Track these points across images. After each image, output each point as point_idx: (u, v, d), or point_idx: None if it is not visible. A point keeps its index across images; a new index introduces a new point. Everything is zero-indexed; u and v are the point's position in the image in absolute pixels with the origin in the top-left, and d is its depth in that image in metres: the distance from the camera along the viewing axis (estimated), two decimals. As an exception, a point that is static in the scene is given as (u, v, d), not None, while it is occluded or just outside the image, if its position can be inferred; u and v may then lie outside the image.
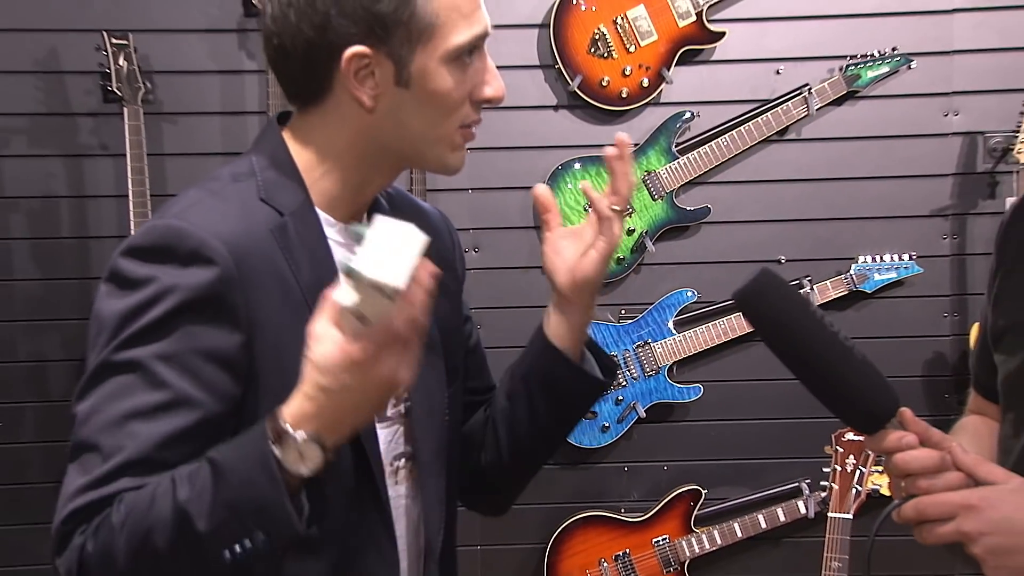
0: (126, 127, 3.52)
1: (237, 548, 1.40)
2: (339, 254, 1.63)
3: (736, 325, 3.84)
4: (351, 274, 1.30)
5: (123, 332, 1.46)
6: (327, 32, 1.51)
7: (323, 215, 1.62)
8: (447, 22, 1.52)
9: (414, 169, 3.68)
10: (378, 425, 1.65)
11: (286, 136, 1.66)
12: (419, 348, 1.42)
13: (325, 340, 1.37)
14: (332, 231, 1.63)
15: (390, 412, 1.69)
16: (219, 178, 1.61)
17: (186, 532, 1.39)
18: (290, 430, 1.38)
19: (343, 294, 1.34)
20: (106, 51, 3.56)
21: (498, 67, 3.82)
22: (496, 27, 3.70)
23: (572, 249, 1.67)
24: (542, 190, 1.71)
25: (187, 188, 1.60)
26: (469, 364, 1.88)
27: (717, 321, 3.88)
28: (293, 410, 1.40)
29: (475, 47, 1.57)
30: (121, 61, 3.55)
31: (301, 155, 1.64)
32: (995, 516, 1.53)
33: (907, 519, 1.56)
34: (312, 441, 1.39)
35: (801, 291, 3.86)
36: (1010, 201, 3.74)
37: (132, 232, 3.48)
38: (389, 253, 1.33)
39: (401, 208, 1.79)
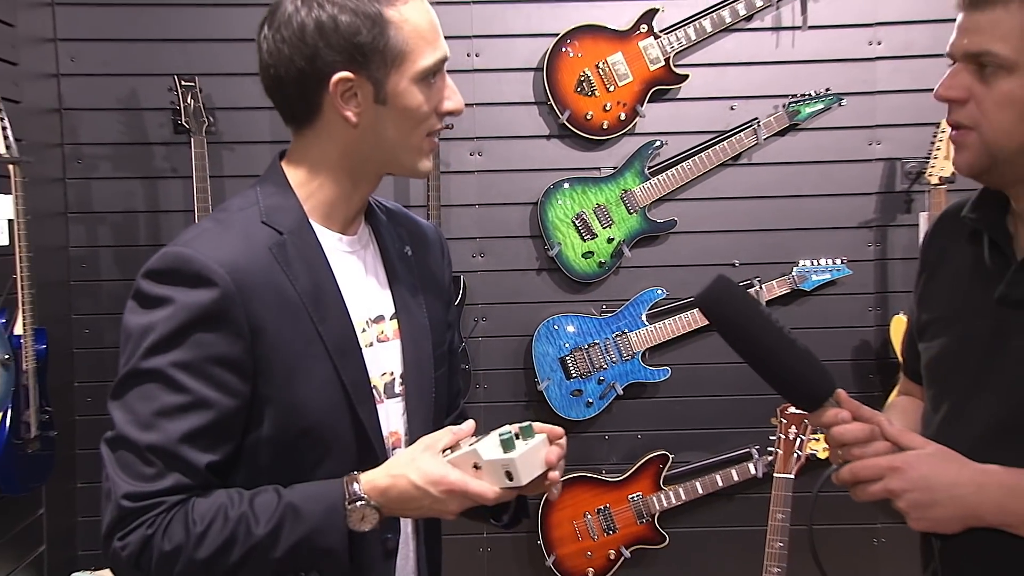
0: (192, 154, 3.60)
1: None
2: (340, 261, 1.65)
3: (698, 318, 3.88)
4: (509, 454, 1.49)
5: (144, 342, 1.48)
6: (316, 61, 1.53)
7: (320, 228, 1.63)
8: (415, 48, 1.55)
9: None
10: (382, 402, 1.68)
11: (285, 163, 1.67)
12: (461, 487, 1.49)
13: (436, 462, 1.50)
14: (332, 240, 1.65)
15: (397, 389, 1.72)
16: (228, 209, 1.63)
17: (259, 557, 1.48)
18: (366, 498, 1.49)
19: (488, 452, 1.50)
20: (177, 91, 3.64)
21: (500, 104, 3.92)
22: (500, 70, 3.94)
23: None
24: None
25: (204, 217, 1.64)
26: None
27: (682, 314, 3.92)
28: (372, 482, 1.51)
29: (438, 69, 1.59)
30: (189, 100, 3.63)
31: (296, 175, 1.64)
32: (915, 476, 1.56)
33: (843, 481, 1.60)
34: (375, 509, 1.50)
35: (751, 290, 3.89)
36: (923, 215, 3.84)
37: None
38: (531, 463, 1.51)
39: (398, 220, 1.82)
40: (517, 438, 1.54)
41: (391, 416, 1.68)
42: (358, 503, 1.49)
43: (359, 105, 1.56)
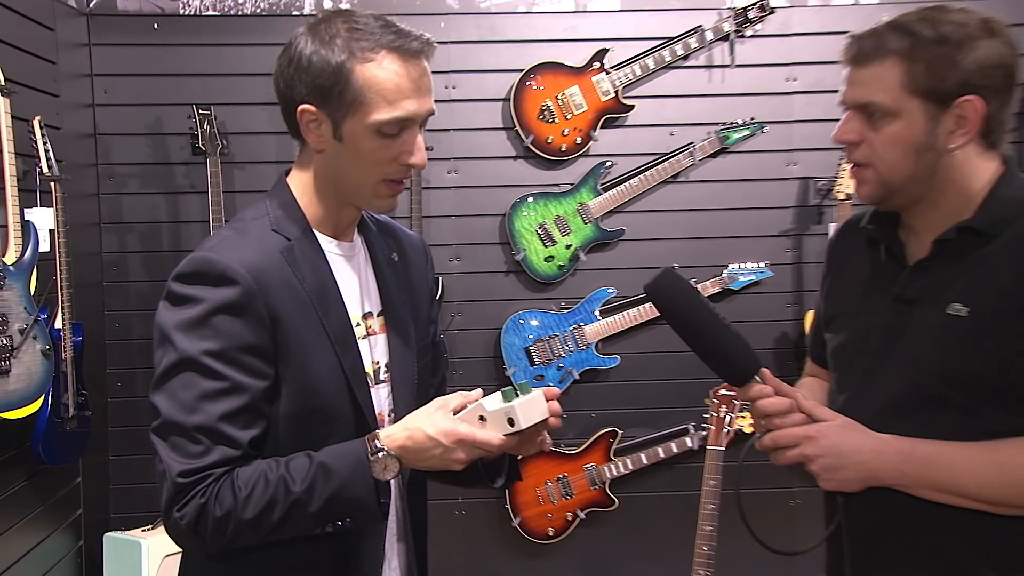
0: (208, 173, 3.62)
1: (329, 528, 1.52)
2: (337, 264, 1.65)
3: (644, 313, 3.90)
4: (510, 402, 1.51)
5: (179, 337, 1.48)
6: (292, 90, 1.54)
7: (320, 235, 1.63)
8: (371, 102, 1.51)
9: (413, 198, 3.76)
10: (373, 386, 1.66)
11: (289, 179, 1.66)
12: (472, 453, 1.51)
13: (448, 417, 1.51)
14: (331, 245, 1.65)
15: (383, 376, 1.70)
16: (243, 219, 1.63)
17: (298, 513, 1.48)
18: (385, 449, 1.50)
19: (492, 404, 1.52)
20: (195, 119, 3.65)
21: (473, 129, 3.96)
22: (473, 100, 3.99)
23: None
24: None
25: (222, 226, 1.66)
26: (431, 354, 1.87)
27: (630, 310, 3.94)
28: (391, 436, 1.52)
29: (404, 125, 1.54)
30: (205, 126, 3.65)
31: (298, 189, 1.64)
32: (826, 443, 1.58)
33: (765, 447, 1.63)
34: (396, 459, 1.50)
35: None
36: (832, 225, 3.88)
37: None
38: (530, 410, 1.53)
39: (386, 231, 1.81)
40: (516, 394, 1.55)
41: (379, 399, 1.68)
42: (380, 454, 1.50)
43: (321, 136, 1.56)
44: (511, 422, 1.52)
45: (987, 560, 1.57)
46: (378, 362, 1.70)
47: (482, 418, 1.53)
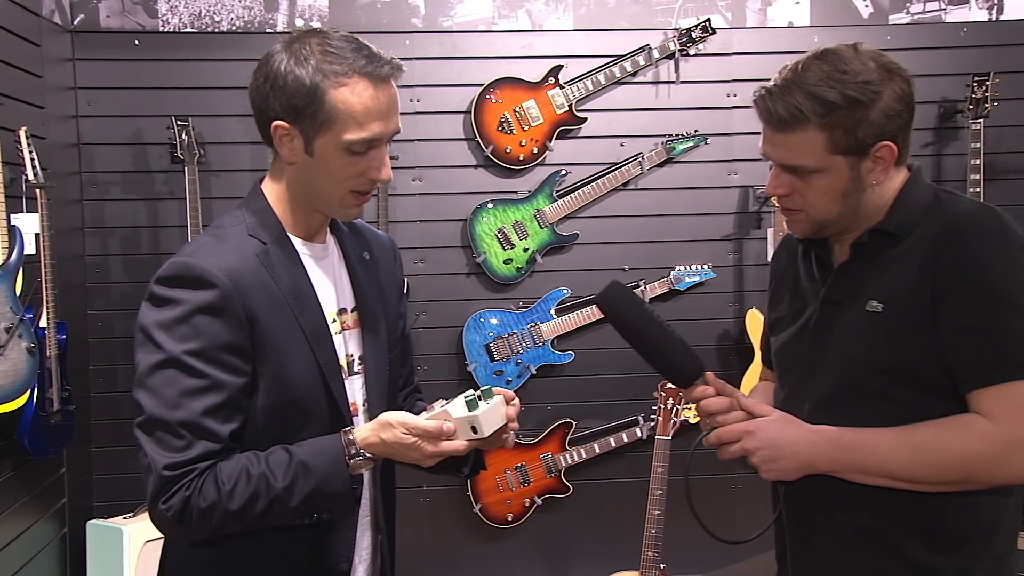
0: (186, 181, 3.64)
1: (307, 520, 1.57)
2: (311, 265, 1.66)
3: (596, 312, 3.91)
4: (473, 412, 1.53)
5: (161, 337, 1.48)
6: (266, 105, 1.56)
7: (295, 238, 1.65)
8: (342, 123, 1.52)
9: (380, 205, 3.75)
10: (348, 378, 1.68)
11: (264, 185, 1.66)
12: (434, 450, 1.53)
13: (417, 419, 1.54)
14: (304, 247, 1.66)
15: (356, 368, 1.71)
16: (221, 225, 1.63)
17: (279, 507, 1.50)
18: (362, 452, 1.53)
19: (457, 411, 1.54)
20: (174, 129, 3.67)
21: (437, 139, 3.98)
22: (436, 113, 4.04)
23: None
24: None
25: (202, 232, 1.64)
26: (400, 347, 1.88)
27: (583, 309, 3.98)
28: (365, 438, 1.54)
29: (371, 144, 1.56)
30: (184, 136, 3.66)
31: (272, 195, 1.65)
32: (765, 437, 1.62)
33: (711, 443, 1.67)
34: (368, 458, 1.54)
35: (638, 289, 3.93)
36: (770, 230, 3.97)
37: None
38: (492, 418, 1.56)
39: (357, 231, 1.82)
40: (480, 399, 1.56)
41: (353, 389, 1.70)
42: (357, 458, 1.53)
43: (293, 150, 1.57)
44: (474, 430, 1.55)
45: (911, 535, 1.63)
46: (352, 355, 1.71)
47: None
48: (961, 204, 1.65)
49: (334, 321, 1.68)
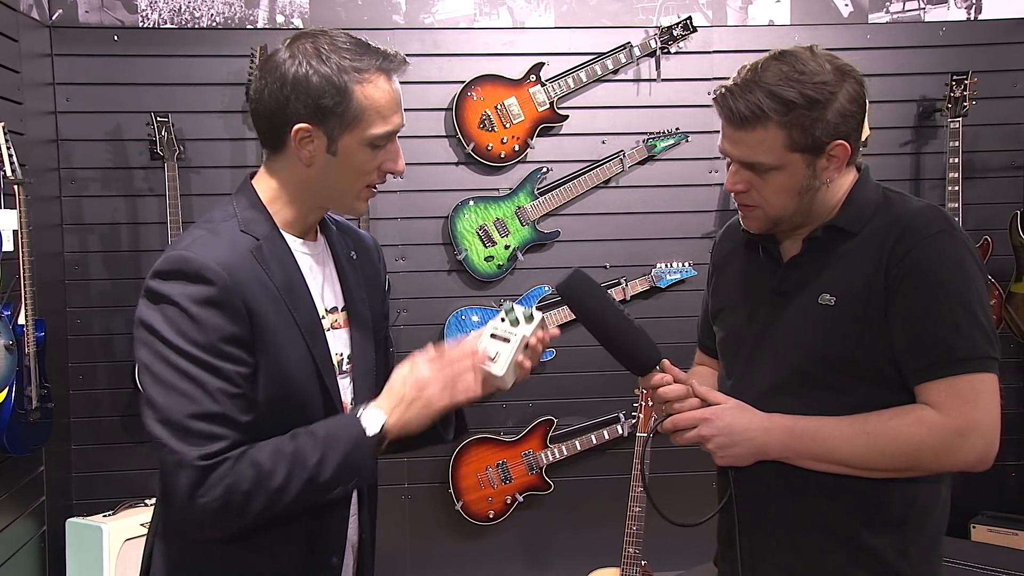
0: (166, 177, 3.65)
1: (337, 491, 1.57)
2: (304, 262, 1.67)
3: None
4: (513, 323, 1.62)
5: (168, 332, 1.49)
6: (286, 109, 1.56)
7: (287, 235, 1.66)
8: (369, 119, 1.56)
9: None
10: (339, 377, 1.69)
11: (256, 179, 1.68)
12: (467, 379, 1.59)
13: (420, 367, 1.59)
14: (297, 244, 1.67)
15: (345, 367, 1.72)
16: (213, 220, 1.63)
17: (314, 480, 1.52)
18: (380, 418, 1.57)
19: (499, 326, 1.63)
20: (153, 126, 3.69)
21: (418, 137, 3.96)
22: (417, 110, 4.01)
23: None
24: None
25: (192, 225, 1.64)
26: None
27: (564, 307, 3.47)
28: (392, 424, 1.57)
29: (387, 138, 1.60)
30: (163, 132, 3.67)
31: (265, 192, 1.65)
32: (720, 424, 1.68)
33: (666, 430, 1.71)
34: (389, 441, 1.59)
35: (618, 287, 3.96)
36: None
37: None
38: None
39: (345, 231, 1.84)
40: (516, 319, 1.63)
41: (342, 390, 1.70)
42: (382, 438, 1.57)
43: (313, 152, 1.59)
44: (533, 320, 1.63)
45: (854, 517, 1.70)
46: (341, 354, 1.72)
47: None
48: (909, 203, 1.72)
49: (323, 319, 1.69)
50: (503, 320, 1.66)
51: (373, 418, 1.58)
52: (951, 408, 1.61)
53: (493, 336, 1.65)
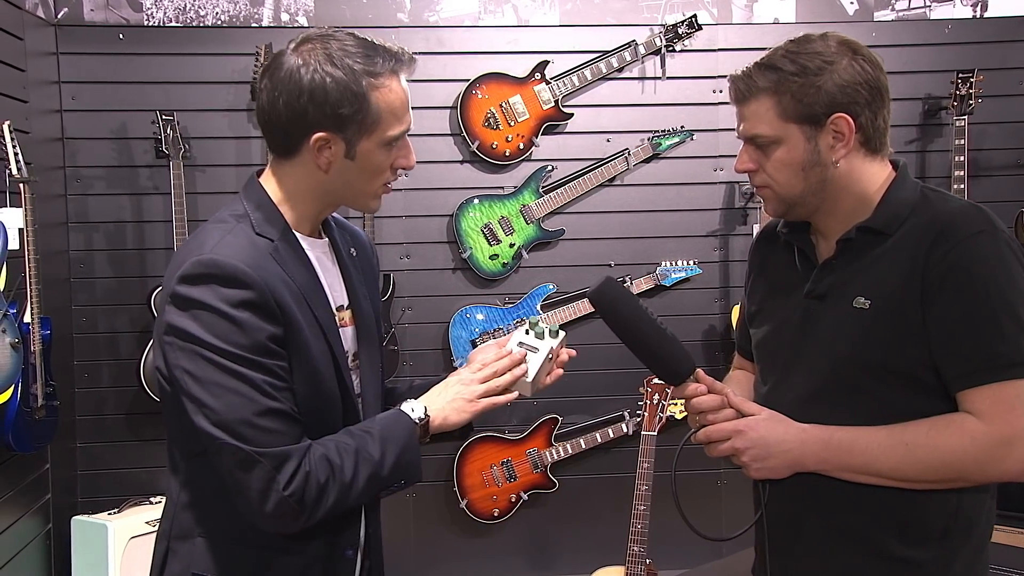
0: (171, 175, 3.67)
1: (394, 486, 1.62)
2: (317, 267, 1.67)
3: (582, 308, 3.98)
4: (539, 336, 1.68)
5: (210, 338, 1.48)
6: (304, 119, 1.56)
7: (298, 234, 1.66)
8: (385, 121, 1.58)
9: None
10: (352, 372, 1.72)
11: (264, 178, 1.67)
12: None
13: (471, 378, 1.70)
14: (307, 243, 1.67)
15: (352, 364, 1.73)
16: (225, 220, 1.62)
17: (376, 474, 1.56)
18: (426, 416, 1.64)
19: (525, 338, 1.69)
20: (159, 124, 3.70)
21: (423, 135, 3.99)
22: (422, 108, 4.05)
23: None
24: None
25: (205, 226, 1.63)
26: None
27: (569, 305, 4.02)
28: (435, 419, 1.66)
29: (401, 136, 1.62)
30: (168, 131, 3.69)
31: (277, 193, 1.65)
32: (754, 436, 1.64)
33: (700, 441, 1.69)
34: (427, 428, 1.66)
35: (625, 286, 3.94)
36: (756, 227, 4.00)
37: (175, 245, 3.69)
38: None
39: (345, 229, 1.85)
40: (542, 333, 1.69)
41: (357, 381, 1.73)
42: (420, 420, 1.64)
43: (331, 157, 1.59)
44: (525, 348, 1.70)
45: (894, 530, 1.65)
46: (348, 351, 1.73)
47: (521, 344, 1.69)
48: (949, 203, 1.66)
49: (334, 315, 1.71)
50: (528, 332, 1.71)
51: (419, 414, 1.65)
52: (995, 417, 1.56)
53: (520, 345, 1.70)
